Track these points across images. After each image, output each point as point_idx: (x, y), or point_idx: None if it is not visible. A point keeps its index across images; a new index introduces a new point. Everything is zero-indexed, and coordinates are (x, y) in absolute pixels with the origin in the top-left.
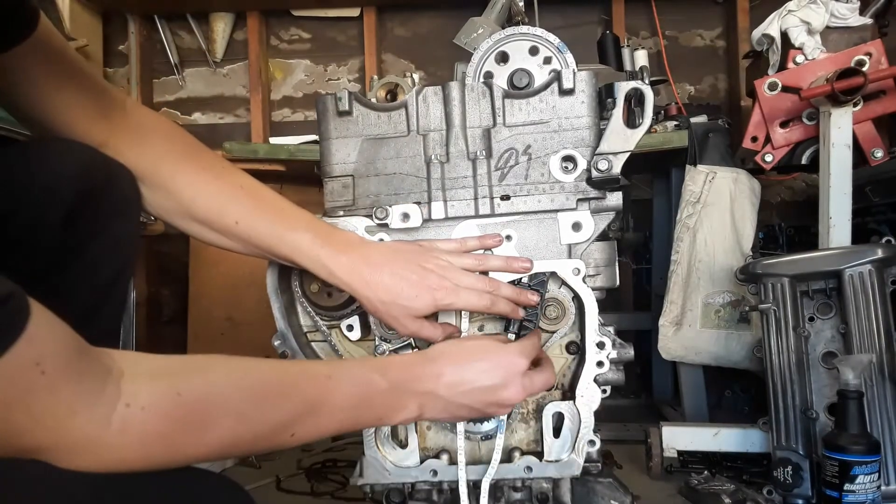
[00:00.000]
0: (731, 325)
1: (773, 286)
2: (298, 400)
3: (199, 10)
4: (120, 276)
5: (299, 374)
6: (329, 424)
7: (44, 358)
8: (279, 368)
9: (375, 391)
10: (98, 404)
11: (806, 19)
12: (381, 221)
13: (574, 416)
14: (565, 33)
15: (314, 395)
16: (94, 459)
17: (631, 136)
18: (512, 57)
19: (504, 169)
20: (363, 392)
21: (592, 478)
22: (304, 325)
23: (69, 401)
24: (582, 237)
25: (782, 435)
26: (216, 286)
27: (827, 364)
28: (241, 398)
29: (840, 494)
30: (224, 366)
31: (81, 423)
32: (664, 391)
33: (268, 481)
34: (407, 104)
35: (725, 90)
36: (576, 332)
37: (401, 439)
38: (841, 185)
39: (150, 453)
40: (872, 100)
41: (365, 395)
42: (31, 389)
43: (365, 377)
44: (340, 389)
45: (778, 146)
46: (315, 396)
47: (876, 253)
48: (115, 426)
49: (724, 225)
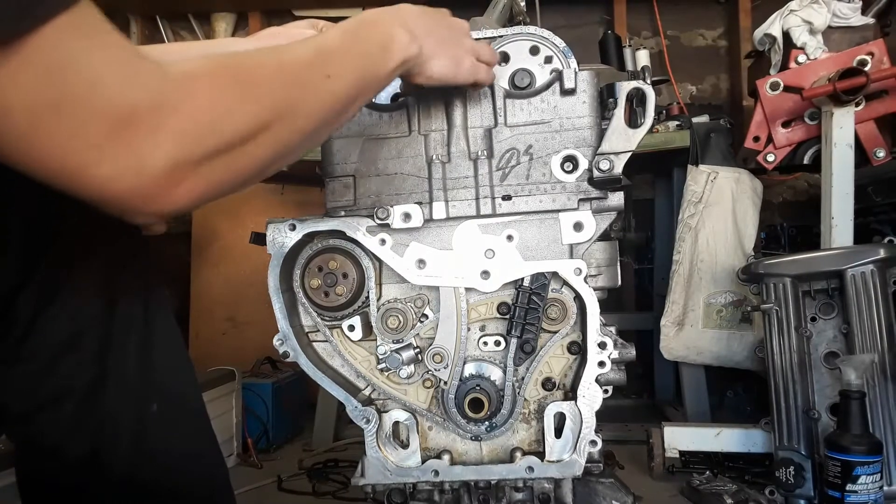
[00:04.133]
0: (733, 325)
1: (775, 286)
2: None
3: (201, 10)
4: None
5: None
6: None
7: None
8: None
9: (362, 32)
10: (153, 67)
11: (808, 19)
12: (382, 221)
13: (576, 416)
14: (567, 33)
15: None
16: (166, 125)
17: (632, 136)
18: (513, 57)
19: (505, 169)
20: (352, 43)
21: (594, 478)
22: (305, 325)
23: (134, 62)
24: (583, 237)
25: (784, 435)
26: (217, 286)
27: (829, 364)
28: (278, 61)
29: (842, 495)
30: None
31: (146, 80)
32: (666, 391)
33: (269, 481)
34: (408, 104)
35: (727, 90)
36: (577, 333)
37: (402, 439)
38: (843, 185)
39: (212, 105)
40: (874, 99)
41: (355, 40)
42: (97, 48)
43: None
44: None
45: (780, 146)
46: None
47: (878, 253)
48: (173, 80)
49: (725, 225)
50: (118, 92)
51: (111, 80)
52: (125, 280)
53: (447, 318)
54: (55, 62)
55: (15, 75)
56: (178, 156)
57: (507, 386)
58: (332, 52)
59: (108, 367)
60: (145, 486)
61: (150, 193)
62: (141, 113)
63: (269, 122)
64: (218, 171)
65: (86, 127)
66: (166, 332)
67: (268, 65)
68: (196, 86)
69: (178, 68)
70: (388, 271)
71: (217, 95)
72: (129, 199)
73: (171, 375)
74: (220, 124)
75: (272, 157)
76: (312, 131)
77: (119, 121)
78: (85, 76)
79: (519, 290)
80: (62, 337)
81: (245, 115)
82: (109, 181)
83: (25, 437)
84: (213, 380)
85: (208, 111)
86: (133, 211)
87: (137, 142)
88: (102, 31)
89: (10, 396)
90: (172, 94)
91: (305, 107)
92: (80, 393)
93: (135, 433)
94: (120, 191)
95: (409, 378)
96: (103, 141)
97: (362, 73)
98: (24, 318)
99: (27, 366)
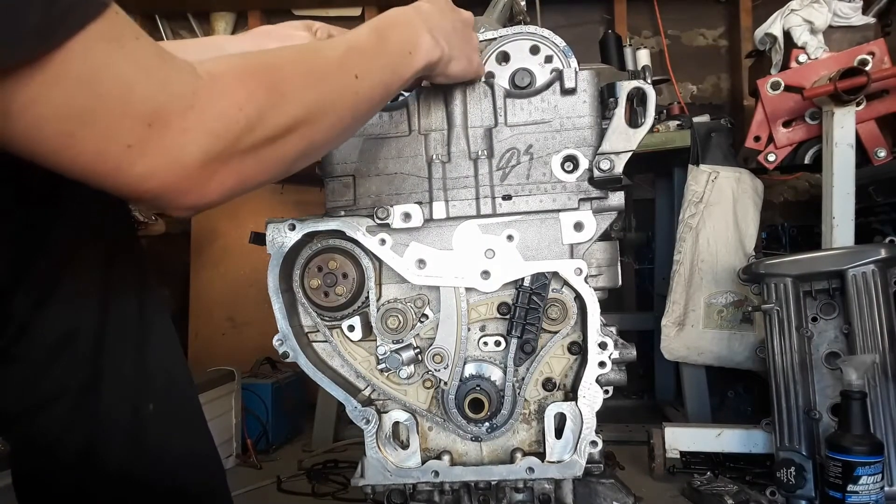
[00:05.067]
0: (734, 326)
1: (776, 286)
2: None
3: (201, 9)
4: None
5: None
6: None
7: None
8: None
9: (389, 35)
10: (184, 66)
11: (809, 18)
12: (382, 221)
13: (576, 416)
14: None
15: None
16: (197, 120)
17: (633, 136)
18: (513, 56)
19: (506, 169)
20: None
21: (595, 479)
22: (305, 326)
23: (167, 65)
24: (584, 237)
25: (785, 436)
26: (217, 286)
27: (830, 364)
28: (308, 59)
29: (843, 495)
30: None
31: (179, 79)
32: (667, 392)
33: (269, 482)
34: (408, 104)
35: (728, 90)
36: (578, 333)
37: (402, 440)
38: (844, 185)
39: (244, 103)
40: (875, 99)
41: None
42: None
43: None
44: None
45: (781, 146)
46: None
47: (879, 253)
48: (204, 79)
49: (726, 225)
50: (150, 95)
51: (142, 83)
52: (120, 280)
53: (447, 319)
54: (87, 71)
55: (50, 87)
56: (209, 153)
57: (507, 386)
58: (360, 52)
59: (103, 367)
60: (141, 485)
61: (184, 189)
62: (172, 113)
63: (298, 120)
64: (248, 167)
65: (120, 130)
66: (162, 332)
67: (298, 63)
68: (226, 85)
69: (207, 68)
70: (388, 271)
71: (247, 94)
72: (164, 196)
73: (166, 375)
74: (250, 122)
75: (301, 153)
76: (341, 129)
77: (151, 122)
78: (117, 82)
79: (519, 290)
80: (56, 336)
81: (275, 114)
82: (144, 179)
83: (20, 437)
84: (212, 380)
85: (239, 110)
86: (168, 206)
87: (169, 141)
88: (131, 36)
89: (4, 396)
90: (203, 94)
91: (334, 105)
92: (74, 392)
93: (130, 433)
94: (154, 188)
95: (409, 378)
96: (137, 142)
97: (389, 75)
98: (19, 318)
99: (21, 365)
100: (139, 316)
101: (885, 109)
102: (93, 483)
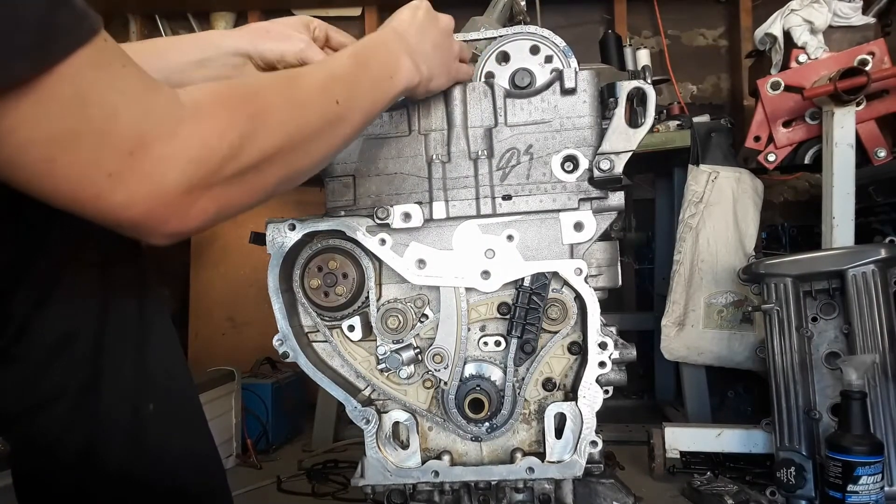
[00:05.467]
0: (734, 326)
1: (776, 286)
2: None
3: (200, 9)
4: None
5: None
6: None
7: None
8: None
9: (372, 61)
10: (168, 95)
11: (809, 18)
12: (382, 221)
13: (576, 416)
14: (567, 32)
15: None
16: (182, 145)
17: (633, 136)
18: (513, 56)
19: (506, 169)
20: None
21: (594, 479)
22: (305, 326)
23: (148, 89)
24: (584, 237)
25: (785, 436)
26: (217, 286)
27: (830, 364)
28: (289, 87)
29: (843, 495)
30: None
31: (162, 102)
32: (667, 392)
33: (269, 482)
34: (408, 104)
35: (728, 90)
36: (578, 333)
37: (402, 440)
38: (844, 185)
39: (225, 131)
40: (875, 99)
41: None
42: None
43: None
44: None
45: (781, 146)
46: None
47: (879, 253)
48: (187, 107)
49: (726, 225)
50: (133, 122)
51: (127, 111)
52: (120, 280)
53: (447, 319)
54: (74, 96)
55: (36, 109)
56: (191, 181)
57: (507, 386)
58: (341, 79)
59: (103, 367)
60: (141, 485)
61: (164, 217)
62: (155, 141)
63: (280, 147)
64: (230, 194)
65: (102, 157)
66: (162, 332)
67: (279, 91)
68: (209, 113)
69: (190, 96)
70: (388, 271)
71: (229, 122)
72: (144, 224)
73: (166, 375)
74: (232, 150)
75: (283, 179)
76: (322, 155)
77: (134, 150)
78: (102, 108)
79: (519, 290)
80: (56, 337)
81: (257, 141)
82: (124, 208)
83: (20, 437)
84: (212, 380)
85: (220, 138)
86: (148, 234)
87: (150, 169)
88: (118, 63)
89: (4, 396)
90: (186, 122)
91: (315, 132)
92: (74, 392)
93: (130, 433)
94: (134, 216)
95: (409, 378)
96: (117, 170)
97: (370, 100)
98: (18, 319)
99: (21, 365)
100: (139, 316)
101: (885, 109)
102: (93, 483)
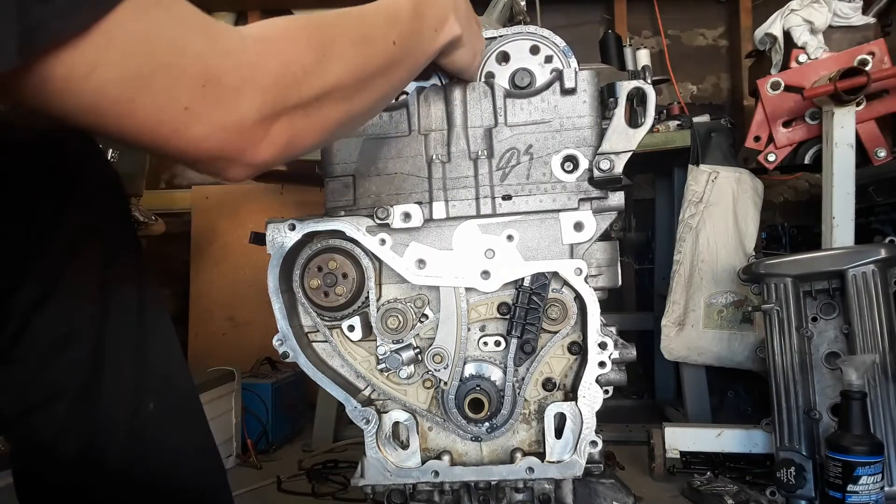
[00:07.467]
0: (734, 326)
1: (776, 286)
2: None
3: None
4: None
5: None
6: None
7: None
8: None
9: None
10: (228, 28)
11: (809, 18)
12: (382, 221)
13: (576, 416)
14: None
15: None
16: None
17: (633, 136)
18: (513, 56)
19: (505, 169)
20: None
21: (594, 479)
22: (305, 326)
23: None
24: (584, 237)
25: (785, 436)
26: (217, 286)
27: (830, 364)
28: (355, 22)
29: (843, 495)
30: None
31: (226, 39)
32: (667, 392)
33: (269, 482)
34: (408, 104)
35: (728, 90)
36: (578, 333)
37: (402, 440)
38: (844, 185)
39: (291, 60)
40: (875, 99)
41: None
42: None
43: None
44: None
45: (781, 146)
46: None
47: (879, 253)
48: (251, 38)
49: (726, 225)
50: (201, 54)
51: (194, 45)
52: (120, 281)
53: (447, 319)
54: (140, 34)
55: (104, 54)
56: (261, 110)
57: (507, 386)
58: (399, 21)
59: (102, 367)
60: (141, 485)
61: (240, 147)
62: (223, 72)
63: (342, 80)
64: (297, 126)
65: (177, 92)
66: (162, 332)
67: (344, 25)
68: (274, 43)
69: (252, 30)
70: (388, 271)
71: (295, 52)
72: (221, 155)
73: (166, 375)
74: (297, 79)
75: (342, 119)
76: (378, 97)
77: (205, 82)
78: (170, 44)
79: (519, 290)
80: (55, 337)
81: (322, 72)
82: (202, 139)
83: (20, 437)
84: (212, 380)
85: (287, 66)
86: (225, 167)
87: (224, 100)
88: (175, 0)
89: (4, 396)
90: (251, 51)
91: (376, 70)
92: (73, 392)
93: (130, 432)
94: (212, 147)
95: (409, 378)
96: (193, 103)
97: (420, 47)
98: (18, 319)
99: (21, 366)
100: (139, 316)
101: (885, 109)
102: (93, 483)
